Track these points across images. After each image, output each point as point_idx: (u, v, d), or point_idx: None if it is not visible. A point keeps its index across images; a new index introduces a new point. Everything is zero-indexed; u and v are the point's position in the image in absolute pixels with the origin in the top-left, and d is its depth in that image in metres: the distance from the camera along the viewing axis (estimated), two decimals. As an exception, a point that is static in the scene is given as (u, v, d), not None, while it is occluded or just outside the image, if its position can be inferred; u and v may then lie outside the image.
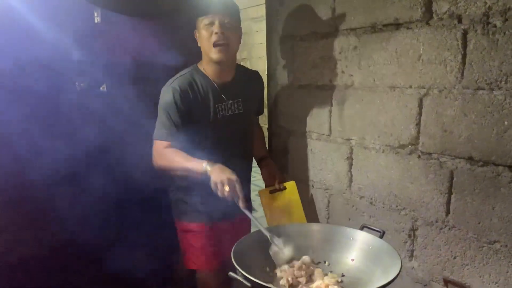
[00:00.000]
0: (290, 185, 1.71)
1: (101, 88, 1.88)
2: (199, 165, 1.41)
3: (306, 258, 1.25)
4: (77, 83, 1.83)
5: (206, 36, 1.51)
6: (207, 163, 1.40)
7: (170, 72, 1.63)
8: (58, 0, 1.68)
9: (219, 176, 1.35)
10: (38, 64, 1.62)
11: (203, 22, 1.51)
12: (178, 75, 1.59)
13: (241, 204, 1.34)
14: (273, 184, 1.70)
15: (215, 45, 1.50)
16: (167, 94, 1.53)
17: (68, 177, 1.71)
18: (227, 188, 1.33)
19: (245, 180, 1.76)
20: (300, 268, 1.19)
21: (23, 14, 1.60)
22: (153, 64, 1.81)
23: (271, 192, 1.69)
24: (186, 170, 1.47)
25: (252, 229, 1.67)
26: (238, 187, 1.35)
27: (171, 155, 1.50)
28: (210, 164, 1.40)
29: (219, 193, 1.35)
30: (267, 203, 1.67)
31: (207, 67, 1.59)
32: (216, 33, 1.48)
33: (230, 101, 1.62)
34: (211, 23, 1.50)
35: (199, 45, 1.58)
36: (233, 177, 1.35)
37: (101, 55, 1.80)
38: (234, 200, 1.34)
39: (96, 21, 1.82)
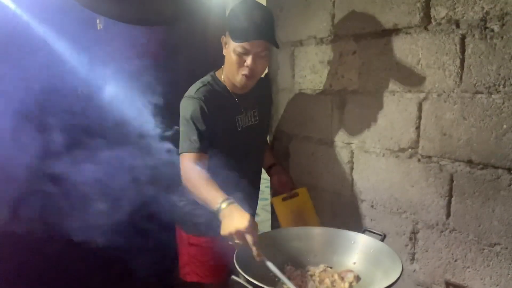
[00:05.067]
0: (302, 191, 1.70)
1: (103, 95, 1.90)
2: (214, 202, 1.25)
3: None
4: (79, 90, 1.85)
5: (236, 62, 1.42)
6: (224, 202, 1.23)
7: (172, 78, 1.64)
8: (60, 7, 1.71)
9: (229, 227, 1.16)
10: (40, 70, 1.64)
11: (236, 46, 1.39)
12: (198, 85, 1.50)
13: (256, 258, 1.15)
14: (285, 191, 1.68)
15: (242, 75, 1.44)
16: (192, 105, 1.43)
17: (68, 183, 1.72)
18: (238, 242, 1.17)
19: (257, 192, 1.76)
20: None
21: (26, 20, 1.62)
22: (156, 71, 1.83)
23: (284, 199, 1.66)
24: (203, 199, 1.32)
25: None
26: (249, 239, 1.14)
27: (195, 179, 1.35)
28: (226, 203, 1.22)
29: (231, 243, 1.19)
30: (281, 211, 1.64)
31: (227, 79, 1.52)
32: (247, 66, 1.41)
33: (248, 112, 1.59)
34: (245, 53, 1.40)
35: (224, 53, 1.49)
36: (243, 227, 1.14)
37: (103, 61, 1.81)
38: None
39: (98, 28, 1.85)
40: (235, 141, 1.54)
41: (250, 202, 1.32)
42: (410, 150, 1.40)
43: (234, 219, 1.17)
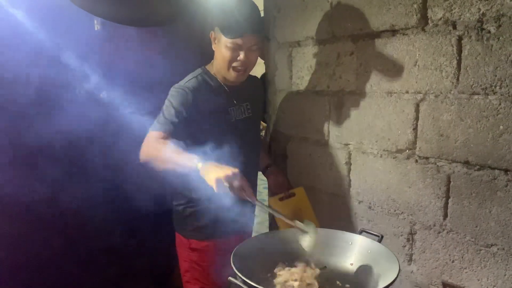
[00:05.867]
0: (299, 191, 1.71)
1: (101, 95, 1.90)
2: (189, 161, 1.25)
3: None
4: (77, 90, 1.85)
5: (227, 56, 1.44)
6: (199, 160, 1.24)
7: (169, 78, 1.64)
8: (58, 8, 1.71)
9: (218, 172, 1.17)
10: (38, 70, 1.64)
11: (228, 42, 1.42)
12: (189, 77, 1.52)
13: (254, 199, 1.22)
14: (281, 191, 1.69)
15: (234, 69, 1.47)
16: (177, 93, 1.45)
17: (64, 182, 1.72)
18: (235, 183, 1.17)
19: (253, 189, 1.75)
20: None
21: (24, 21, 1.62)
22: (153, 71, 1.83)
23: (281, 199, 1.67)
24: (173, 163, 1.30)
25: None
26: (244, 181, 1.19)
27: (160, 146, 1.34)
28: (202, 160, 1.24)
29: (222, 191, 1.17)
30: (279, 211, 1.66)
31: (218, 72, 1.55)
32: (240, 60, 1.44)
33: (241, 105, 1.61)
34: (238, 48, 1.43)
35: (213, 48, 1.51)
36: (235, 169, 1.18)
37: (101, 62, 1.81)
38: (242, 197, 1.20)
39: (96, 29, 1.85)
40: (230, 133, 1.53)
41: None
42: (407, 151, 1.40)
43: (217, 169, 1.19)
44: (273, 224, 2.08)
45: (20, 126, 1.66)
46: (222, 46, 1.44)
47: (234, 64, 1.45)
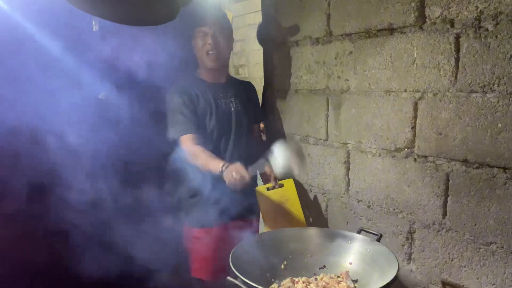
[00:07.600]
0: (288, 183, 1.73)
1: (99, 96, 1.89)
2: (216, 168, 1.55)
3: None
4: (76, 91, 1.84)
5: (201, 45, 1.73)
6: (223, 165, 1.53)
7: (168, 79, 1.67)
8: (56, 9, 1.70)
9: (230, 173, 1.48)
10: (35, 71, 1.63)
11: (199, 33, 1.72)
12: (179, 81, 1.75)
13: (250, 174, 1.49)
14: (271, 182, 1.73)
15: (208, 54, 1.71)
16: (173, 97, 1.71)
17: (63, 185, 1.72)
18: (235, 176, 1.46)
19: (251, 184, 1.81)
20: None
21: (21, 21, 1.62)
22: (151, 72, 1.82)
23: (268, 189, 1.70)
24: (207, 170, 1.61)
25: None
26: (242, 171, 1.48)
27: (199, 155, 1.63)
28: (225, 166, 1.53)
29: (232, 185, 1.48)
30: (263, 200, 1.70)
31: (203, 72, 1.79)
32: (209, 43, 1.70)
33: (228, 99, 1.79)
34: (205, 34, 1.71)
35: (195, 52, 1.77)
36: (238, 164, 1.50)
37: (99, 62, 1.81)
38: (243, 182, 1.47)
39: (94, 29, 1.84)
40: (219, 123, 1.73)
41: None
42: (406, 150, 1.40)
43: (235, 166, 1.51)
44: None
45: (20, 127, 1.66)
46: (197, 40, 1.72)
47: (207, 49, 1.70)
